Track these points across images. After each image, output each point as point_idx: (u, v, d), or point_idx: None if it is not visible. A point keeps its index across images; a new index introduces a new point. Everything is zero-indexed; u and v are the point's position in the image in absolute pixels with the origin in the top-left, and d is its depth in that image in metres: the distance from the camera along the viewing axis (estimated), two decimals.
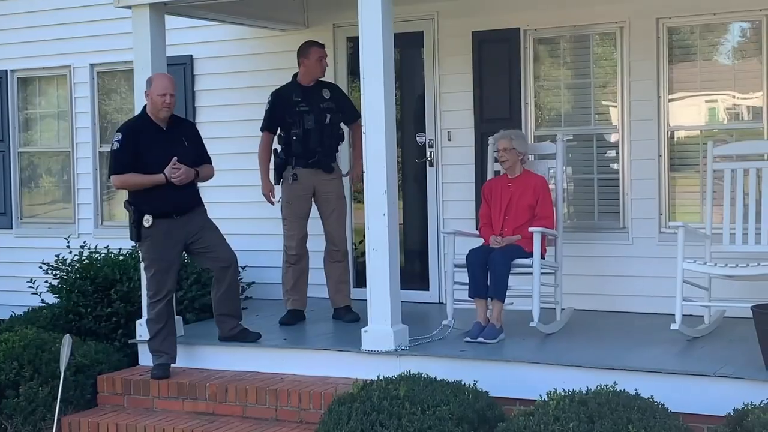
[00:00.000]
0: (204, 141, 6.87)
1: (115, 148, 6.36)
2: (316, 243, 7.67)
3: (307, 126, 7.07)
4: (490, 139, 7.06)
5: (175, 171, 6.35)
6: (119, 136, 6.36)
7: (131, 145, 6.32)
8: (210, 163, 6.73)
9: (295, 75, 7.30)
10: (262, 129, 7.31)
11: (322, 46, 7.29)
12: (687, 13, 7.12)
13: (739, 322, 6.40)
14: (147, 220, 6.35)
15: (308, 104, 7.10)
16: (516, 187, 6.66)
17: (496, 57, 7.68)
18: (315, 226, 8.42)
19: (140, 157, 6.33)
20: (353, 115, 7.25)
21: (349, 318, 7.09)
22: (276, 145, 7.30)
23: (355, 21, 6.20)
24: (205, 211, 6.66)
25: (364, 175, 6.20)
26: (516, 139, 6.68)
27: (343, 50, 8.32)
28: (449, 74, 7.76)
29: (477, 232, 6.87)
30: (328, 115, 7.18)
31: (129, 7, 6.90)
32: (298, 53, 7.26)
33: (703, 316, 6.51)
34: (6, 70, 9.70)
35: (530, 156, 6.99)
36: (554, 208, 6.72)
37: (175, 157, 6.35)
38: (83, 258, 7.90)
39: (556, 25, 7.54)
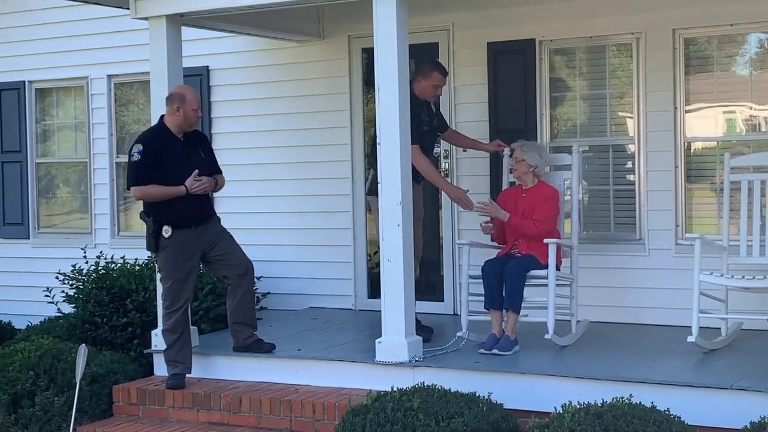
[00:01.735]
0: (220, 152, 6.89)
1: (135, 159, 6.37)
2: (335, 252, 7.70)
3: (424, 145, 6.79)
4: (506, 150, 7.05)
5: (197, 182, 6.38)
6: (140, 147, 6.37)
7: (152, 157, 6.34)
8: (221, 172, 6.76)
9: (412, 88, 6.66)
10: (412, 143, 6.40)
11: (446, 74, 6.91)
12: (703, 24, 7.10)
13: (757, 335, 6.36)
14: (166, 231, 6.36)
15: (429, 125, 6.88)
16: (529, 197, 6.65)
17: (512, 68, 7.67)
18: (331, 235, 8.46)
19: (161, 167, 6.35)
20: (445, 128, 7.17)
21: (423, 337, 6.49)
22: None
23: (371, 32, 6.22)
24: (219, 220, 6.69)
25: (379, 186, 6.20)
26: (527, 152, 6.66)
27: (359, 61, 8.34)
28: (464, 85, 7.77)
29: (492, 243, 6.85)
30: (437, 137, 7.06)
31: (146, 18, 6.94)
32: (418, 68, 6.85)
33: (720, 328, 6.47)
34: (24, 81, 9.77)
35: (546, 167, 6.98)
36: (554, 216, 6.57)
37: (197, 170, 6.38)
38: (99, 268, 7.92)
39: (571, 36, 7.53)
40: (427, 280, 8.16)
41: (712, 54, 7.23)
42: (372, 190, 6.82)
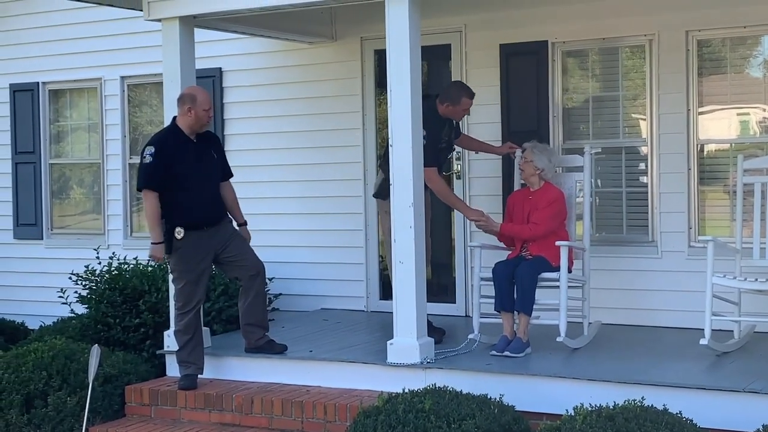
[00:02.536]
0: (232, 153, 6.89)
1: (147, 161, 6.37)
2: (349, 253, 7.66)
3: (440, 161, 6.84)
4: (518, 151, 7.05)
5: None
6: (152, 149, 6.38)
7: (163, 159, 6.35)
8: (232, 174, 6.79)
9: (435, 105, 6.79)
10: (429, 165, 6.48)
11: (474, 95, 6.90)
12: (717, 26, 7.08)
13: None
14: (179, 232, 6.38)
15: (447, 142, 6.91)
16: (535, 199, 6.66)
17: (524, 70, 7.67)
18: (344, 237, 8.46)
19: (171, 168, 6.37)
20: (458, 135, 7.16)
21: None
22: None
23: (383, 34, 6.22)
24: (231, 221, 6.71)
25: (391, 187, 6.21)
26: (537, 154, 6.66)
27: (371, 63, 8.35)
28: (476, 87, 7.70)
29: (503, 245, 6.84)
30: (452, 150, 7.17)
31: (159, 20, 6.96)
32: (446, 94, 6.83)
33: (732, 330, 6.44)
34: (37, 83, 9.81)
35: (558, 169, 6.97)
36: (554, 218, 6.53)
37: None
38: (112, 269, 7.95)
39: (584, 37, 7.52)
40: (439, 282, 8.17)
41: (726, 56, 7.20)
42: (379, 192, 6.83)
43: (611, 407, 4.87)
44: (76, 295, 8.00)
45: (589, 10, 7.41)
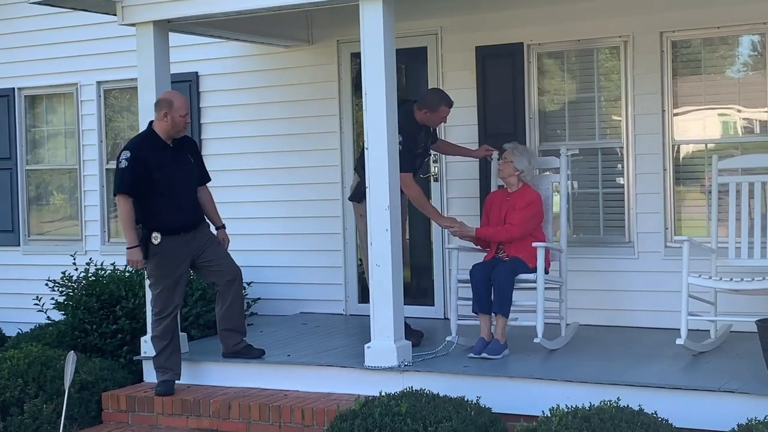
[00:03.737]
0: (209, 157, 6.85)
1: (122, 166, 6.34)
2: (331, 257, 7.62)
3: (415, 167, 6.82)
4: (494, 154, 7.06)
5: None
6: (127, 154, 6.35)
7: (140, 164, 6.32)
8: (210, 179, 6.77)
9: (412, 110, 6.78)
10: (405, 171, 6.48)
11: (452, 104, 6.87)
12: (691, 27, 7.12)
13: (746, 337, 6.36)
14: (155, 238, 6.35)
15: (423, 148, 6.91)
16: (513, 201, 6.67)
17: (500, 71, 7.68)
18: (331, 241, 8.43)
19: (147, 173, 6.33)
20: (435, 140, 7.15)
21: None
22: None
23: (359, 37, 6.21)
24: (208, 226, 6.68)
25: (367, 190, 6.20)
26: (517, 156, 6.67)
27: (348, 66, 8.34)
28: (453, 89, 7.74)
29: (480, 247, 6.85)
30: (429, 155, 7.20)
31: (133, 24, 6.93)
32: (424, 101, 6.82)
33: (709, 330, 6.48)
34: (13, 88, 9.75)
35: (535, 172, 6.98)
36: (531, 220, 6.56)
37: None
38: (89, 275, 7.91)
39: (559, 39, 7.54)
40: (418, 285, 8.17)
41: (700, 57, 7.24)
42: (354, 195, 6.82)
43: (587, 408, 4.88)
44: (53, 301, 7.95)
45: (564, 11, 7.43)
